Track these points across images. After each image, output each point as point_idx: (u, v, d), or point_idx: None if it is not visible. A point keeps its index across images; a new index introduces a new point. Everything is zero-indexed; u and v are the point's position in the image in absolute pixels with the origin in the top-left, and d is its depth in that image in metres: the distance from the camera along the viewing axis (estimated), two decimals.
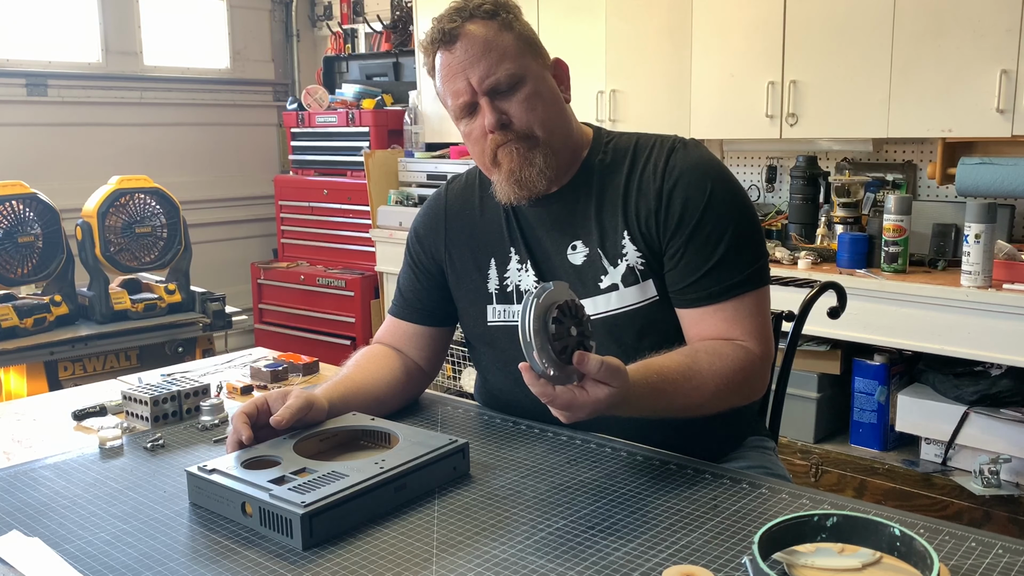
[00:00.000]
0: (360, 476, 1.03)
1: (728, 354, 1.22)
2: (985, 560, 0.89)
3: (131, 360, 2.84)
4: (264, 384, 1.61)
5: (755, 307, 1.28)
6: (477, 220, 1.44)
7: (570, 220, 1.36)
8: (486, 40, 1.26)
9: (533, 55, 1.31)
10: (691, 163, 1.31)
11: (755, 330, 1.26)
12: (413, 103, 4.12)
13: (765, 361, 1.27)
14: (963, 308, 2.40)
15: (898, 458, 2.70)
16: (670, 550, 0.93)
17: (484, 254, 1.42)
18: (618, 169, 1.35)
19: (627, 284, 1.31)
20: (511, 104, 1.27)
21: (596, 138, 1.39)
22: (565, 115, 1.35)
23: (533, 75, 1.29)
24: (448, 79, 1.29)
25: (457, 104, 1.30)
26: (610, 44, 3.35)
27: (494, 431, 1.32)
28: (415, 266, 1.50)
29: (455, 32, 1.27)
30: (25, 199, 2.69)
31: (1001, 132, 2.54)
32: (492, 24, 1.28)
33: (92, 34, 4.29)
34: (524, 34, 1.31)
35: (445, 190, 1.51)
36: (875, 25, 2.72)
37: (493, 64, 1.26)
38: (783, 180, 3.36)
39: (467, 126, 1.32)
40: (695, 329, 1.28)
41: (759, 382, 1.28)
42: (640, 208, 1.31)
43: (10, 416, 1.49)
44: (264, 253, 4.98)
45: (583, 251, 1.34)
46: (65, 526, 1.03)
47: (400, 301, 1.51)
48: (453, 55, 1.27)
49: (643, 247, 1.30)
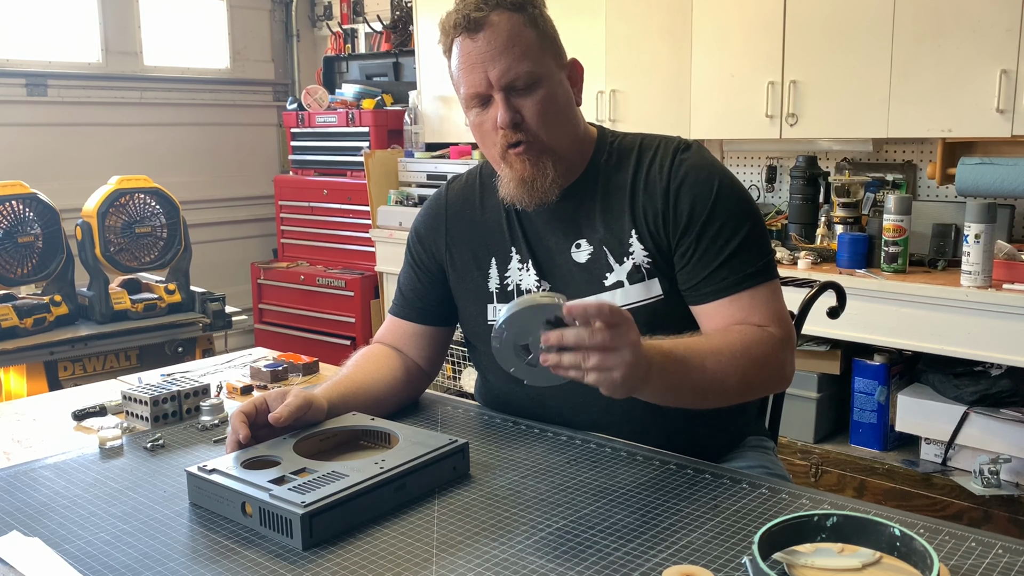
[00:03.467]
0: (360, 476, 1.03)
1: (747, 333, 1.22)
2: (985, 560, 0.89)
3: (131, 360, 2.84)
4: (264, 384, 1.61)
5: (769, 296, 1.28)
6: (478, 219, 1.44)
7: (574, 219, 1.36)
8: (510, 34, 1.25)
9: (553, 55, 1.31)
10: (696, 163, 1.31)
11: (773, 315, 1.26)
12: (413, 103, 4.12)
13: (786, 344, 1.26)
14: (963, 308, 2.40)
15: (898, 458, 2.70)
16: (670, 550, 0.93)
17: (485, 253, 1.42)
18: (623, 168, 1.35)
19: (632, 282, 1.31)
20: (525, 104, 1.27)
21: (600, 138, 1.39)
22: (575, 118, 1.35)
23: (550, 77, 1.29)
24: (466, 68, 1.27)
25: (470, 94, 1.29)
26: (610, 44, 3.35)
27: (494, 431, 1.32)
28: (416, 265, 1.50)
29: (481, 21, 1.25)
30: (25, 199, 2.69)
31: (1001, 132, 2.54)
32: (518, 17, 1.26)
33: (92, 34, 4.29)
34: (547, 32, 1.30)
35: (446, 189, 1.51)
36: (875, 25, 2.72)
37: (514, 61, 1.25)
38: (783, 180, 3.36)
39: (478, 117, 1.31)
40: (712, 322, 1.28)
41: (787, 366, 1.27)
42: (647, 207, 1.31)
43: (10, 416, 1.49)
44: (264, 253, 4.98)
45: (587, 249, 1.34)
46: (65, 526, 1.03)
47: (400, 301, 1.51)
48: (475, 44, 1.26)
49: (651, 246, 1.30)
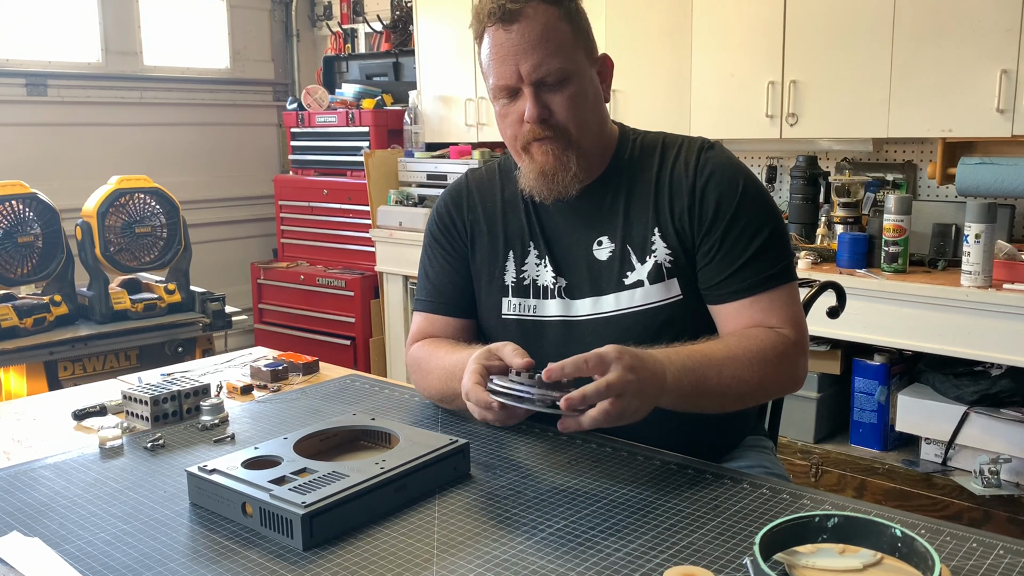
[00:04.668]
0: (360, 476, 1.03)
1: (762, 336, 1.23)
2: (986, 561, 0.89)
3: (131, 360, 2.84)
4: (264, 384, 1.60)
5: (788, 298, 1.29)
6: (497, 211, 1.43)
7: (596, 216, 1.35)
8: (544, 28, 1.24)
9: (586, 50, 1.30)
10: (722, 161, 1.32)
11: (789, 319, 1.27)
12: (413, 103, 4.12)
13: (800, 348, 1.27)
14: (963, 308, 2.40)
15: (898, 458, 2.70)
16: (671, 551, 0.93)
17: (503, 246, 1.41)
18: (647, 166, 1.35)
19: (653, 281, 1.31)
20: (555, 99, 1.26)
21: (623, 136, 1.39)
22: (602, 115, 1.35)
23: (581, 73, 1.28)
24: (497, 59, 1.26)
25: (499, 85, 1.28)
26: (610, 44, 3.35)
27: (494, 431, 1.32)
28: (448, 254, 1.45)
29: (516, 13, 1.23)
30: (25, 199, 2.69)
31: (1001, 132, 2.54)
32: (554, 11, 1.25)
33: (92, 34, 4.29)
34: (582, 27, 1.29)
35: (466, 179, 1.49)
36: (875, 25, 2.72)
37: (546, 56, 1.24)
38: (783, 180, 3.36)
39: (505, 107, 1.30)
40: (731, 324, 1.28)
41: (800, 369, 1.28)
42: (674, 205, 1.31)
43: (10, 416, 1.48)
44: (264, 253, 4.98)
45: (609, 247, 1.34)
46: (65, 526, 1.03)
47: (435, 296, 1.45)
48: (508, 35, 1.24)
49: (675, 244, 1.30)
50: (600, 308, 1.34)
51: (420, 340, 1.46)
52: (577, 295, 1.36)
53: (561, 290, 1.37)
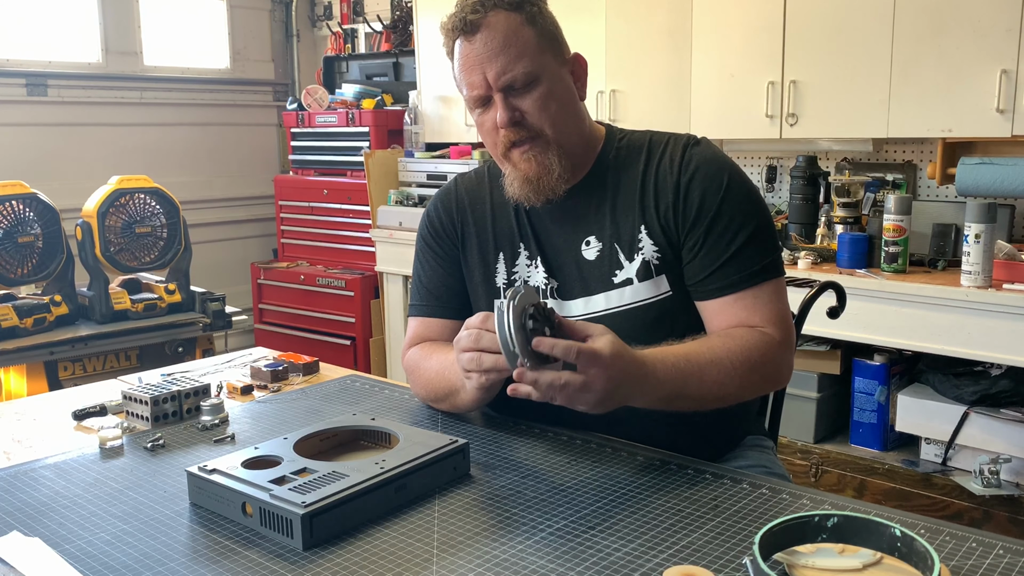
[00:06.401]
0: (360, 476, 1.03)
1: (747, 338, 1.23)
2: (986, 561, 0.89)
3: (131, 360, 2.84)
4: (264, 384, 1.60)
5: (774, 295, 1.29)
6: (487, 215, 1.44)
7: (584, 216, 1.36)
8: (507, 35, 1.26)
9: (553, 52, 1.31)
10: (707, 157, 1.32)
11: (774, 317, 1.27)
12: (413, 103, 4.12)
13: (785, 346, 1.27)
14: (963, 308, 2.40)
15: (898, 458, 2.69)
16: (671, 550, 0.93)
17: (494, 248, 1.42)
18: (633, 165, 1.35)
19: (641, 279, 1.31)
20: (524, 102, 1.28)
21: (609, 136, 1.40)
22: (579, 114, 1.35)
23: (550, 74, 1.29)
24: (465, 69, 1.29)
25: (471, 96, 1.30)
26: (610, 44, 3.35)
27: (494, 431, 1.32)
28: (439, 257, 1.46)
29: (477, 23, 1.26)
30: (25, 199, 2.69)
31: (1001, 132, 2.54)
32: (515, 17, 1.27)
33: (92, 34, 4.29)
34: (547, 29, 1.30)
35: (455, 184, 1.50)
36: (875, 25, 2.72)
37: (511, 61, 1.25)
38: (783, 180, 3.36)
39: (480, 116, 1.32)
40: (716, 320, 1.29)
41: (784, 368, 1.28)
42: (659, 202, 1.31)
43: (10, 416, 1.49)
44: (264, 253, 4.98)
45: (596, 246, 1.34)
46: (65, 526, 1.03)
47: (430, 300, 1.46)
48: (472, 46, 1.27)
49: (661, 241, 1.31)
50: (591, 308, 1.34)
51: (416, 344, 1.46)
52: (569, 295, 1.36)
53: (553, 291, 1.37)
